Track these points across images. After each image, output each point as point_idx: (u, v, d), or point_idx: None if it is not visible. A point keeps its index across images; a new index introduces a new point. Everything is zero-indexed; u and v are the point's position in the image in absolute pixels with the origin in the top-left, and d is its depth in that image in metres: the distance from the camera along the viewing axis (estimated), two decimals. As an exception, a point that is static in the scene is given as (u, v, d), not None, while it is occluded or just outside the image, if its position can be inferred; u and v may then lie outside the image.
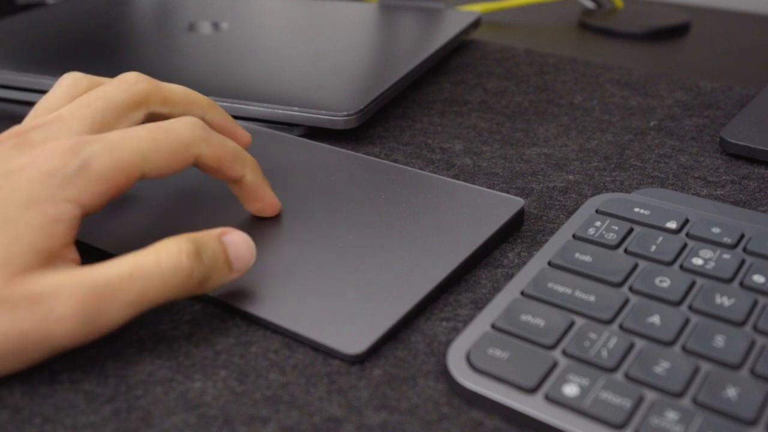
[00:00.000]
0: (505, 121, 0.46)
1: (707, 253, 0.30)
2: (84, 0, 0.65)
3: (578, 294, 0.29)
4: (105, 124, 0.30)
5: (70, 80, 0.32)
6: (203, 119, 0.34)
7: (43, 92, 0.49)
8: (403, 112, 0.47)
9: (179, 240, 0.27)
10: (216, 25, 0.57)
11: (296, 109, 0.43)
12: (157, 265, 0.26)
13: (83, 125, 0.29)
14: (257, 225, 0.34)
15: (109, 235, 0.34)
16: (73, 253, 0.28)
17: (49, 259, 0.26)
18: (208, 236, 0.28)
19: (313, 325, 0.28)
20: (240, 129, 0.35)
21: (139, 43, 0.53)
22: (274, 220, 0.34)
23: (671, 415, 0.23)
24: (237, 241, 0.29)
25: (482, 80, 0.52)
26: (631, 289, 0.29)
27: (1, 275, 0.25)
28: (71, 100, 0.32)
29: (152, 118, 0.33)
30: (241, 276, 0.30)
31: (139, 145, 0.29)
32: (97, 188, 0.28)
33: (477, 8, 0.67)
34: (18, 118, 0.47)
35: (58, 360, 0.28)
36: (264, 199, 0.33)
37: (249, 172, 0.32)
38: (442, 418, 0.25)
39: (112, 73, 0.48)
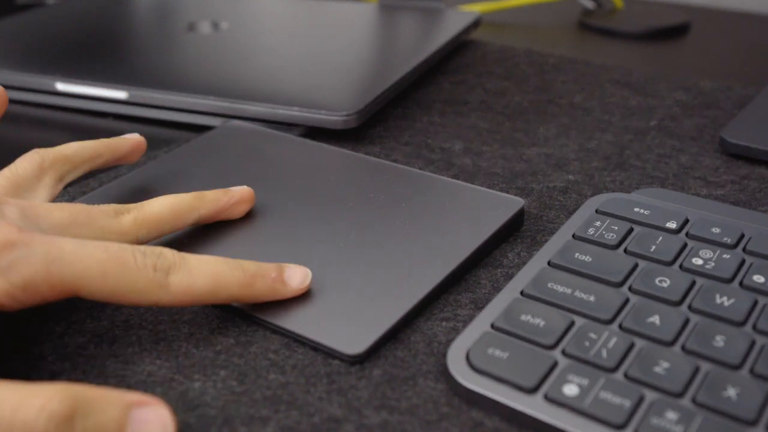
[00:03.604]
0: (505, 121, 0.46)
1: (707, 253, 0.30)
2: (84, 0, 0.65)
3: (578, 294, 0.29)
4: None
5: (37, 159, 0.32)
6: (199, 219, 0.33)
7: (43, 92, 0.49)
8: (403, 112, 0.47)
9: (56, 392, 0.22)
10: (216, 25, 0.57)
11: (296, 109, 0.43)
12: (12, 414, 0.21)
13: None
14: (257, 224, 0.34)
15: None
16: None
17: None
18: (107, 401, 0.22)
19: (313, 325, 0.28)
20: (235, 193, 0.34)
21: (139, 43, 0.53)
22: (274, 219, 0.34)
23: (671, 415, 0.23)
24: (148, 421, 0.23)
25: (482, 80, 0.52)
26: (631, 289, 0.29)
27: None
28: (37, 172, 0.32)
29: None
30: None
31: (85, 268, 0.25)
32: (16, 294, 0.25)
33: (477, 8, 0.67)
34: (17, 118, 0.47)
35: (59, 360, 0.28)
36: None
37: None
38: (442, 418, 0.25)
39: (111, 73, 0.48)
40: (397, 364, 0.27)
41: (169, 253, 0.27)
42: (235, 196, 0.34)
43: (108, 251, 0.26)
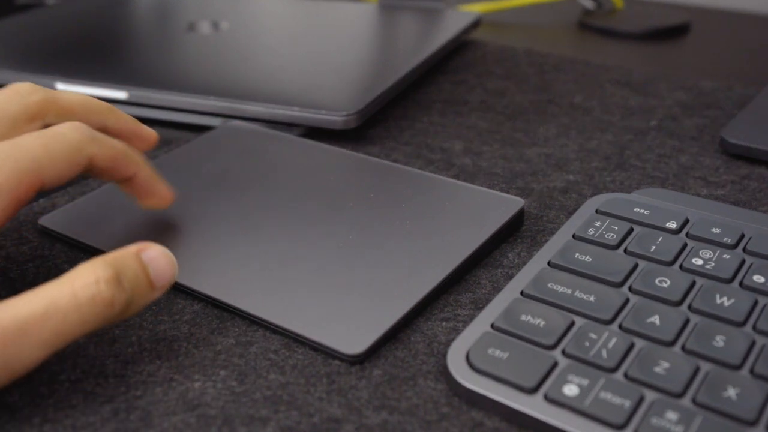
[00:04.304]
0: (505, 121, 0.46)
1: (707, 253, 0.30)
2: (84, 0, 0.65)
3: (578, 294, 0.29)
4: None
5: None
6: (105, 127, 0.33)
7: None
8: (403, 112, 0.47)
9: (96, 266, 0.25)
10: (216, 25, 0.57)
11: (296, 109, 0.43)
12: (74, 298, 0.24)
13: None
14: (257, 225, 0.34)
15: (105, 234, 0.34)
16: None
17: None
18: (126, 256, 0.26)
19: (313, 325, 0.28)
20: (145, 129, 0.34)
21: (139, 43, 0.53)
22: (274, 219, 0.34)
23: (671, 415, 0.23)
24: (156, 257, 0.27)
25: (482, 80, 0.52)
26: (631, 289, 0.29)
27: None
28: None
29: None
30: (163, 293, 0.27)
31: (33, 153, 0.27)
32: None
33: (477, 8, 0.67)
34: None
35: (58, 360, 0.28)
36: (158, 193, 0.33)
37: (141, 168, 0.32)
38: (442, 418, 0.25)
39: (111, 73, 0.48)
40: (397, 364, 0.27)
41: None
42: (142, 133, 0.34)
43: (31, 135, 0.28)
